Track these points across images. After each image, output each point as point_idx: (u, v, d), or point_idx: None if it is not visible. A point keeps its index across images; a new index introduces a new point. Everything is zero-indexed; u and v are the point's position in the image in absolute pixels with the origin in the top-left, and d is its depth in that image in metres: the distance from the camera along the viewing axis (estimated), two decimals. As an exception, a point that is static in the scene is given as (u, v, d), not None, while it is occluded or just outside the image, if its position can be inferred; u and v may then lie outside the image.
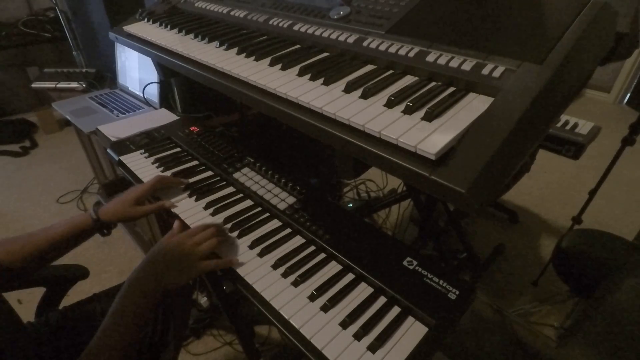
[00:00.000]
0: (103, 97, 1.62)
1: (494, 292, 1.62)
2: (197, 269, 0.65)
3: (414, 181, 0.47)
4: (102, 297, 0.92)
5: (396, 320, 0.57)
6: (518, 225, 1.98)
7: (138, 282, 0.62)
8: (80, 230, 0.77)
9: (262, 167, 0.91)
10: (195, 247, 0.67)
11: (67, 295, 0.95)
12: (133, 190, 0.82)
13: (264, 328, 1.46)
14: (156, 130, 1.13)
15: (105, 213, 0.78)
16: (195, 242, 0.67)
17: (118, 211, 0.79)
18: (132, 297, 0.60)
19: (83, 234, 0.78)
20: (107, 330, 0.58)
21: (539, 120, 0.48)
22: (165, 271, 0.63)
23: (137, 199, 0.80)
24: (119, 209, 0.79)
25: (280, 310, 0.59)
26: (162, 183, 0.85)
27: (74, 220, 0.77)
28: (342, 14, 0.76)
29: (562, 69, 0.48)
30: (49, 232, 0.74)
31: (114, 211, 0.79)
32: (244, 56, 0.76)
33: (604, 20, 0.53)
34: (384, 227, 1.93)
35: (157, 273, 0.63)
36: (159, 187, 0.84)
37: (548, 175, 2.33)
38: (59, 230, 0.74)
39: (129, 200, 0.80)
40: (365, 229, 0.73)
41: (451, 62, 0.57)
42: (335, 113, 0.54)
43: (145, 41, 0.99)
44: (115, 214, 0.79)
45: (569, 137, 1.36)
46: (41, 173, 2.53)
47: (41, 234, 0.73)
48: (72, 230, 0.76)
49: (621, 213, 2.05)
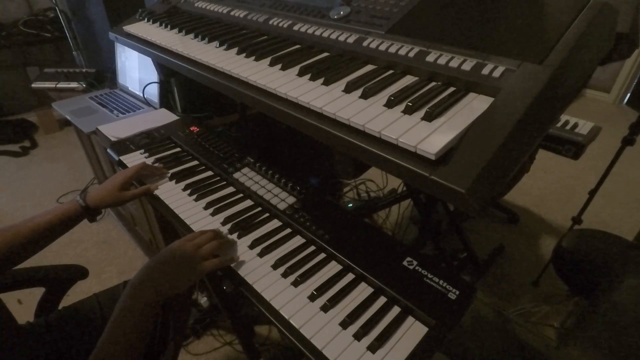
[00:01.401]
0: (103, 97, 1.62)
1: (494, 292, 1.62)
2: (199, 270, 0.64)
3: (414, 181, 0.47)
4: (101, 297, 0.92)
5: (396, 320, 0.57)
6: (518, 225, 1.98)
7: (138, 291, 0.59)
8: (67, 218, 0.78)
9: (262, 167, 0.91)
10: (196, 249, 0.66)
11: (67, 295, 0.95)
12: (118, 175, 0.84)
13: (264, 328, 1.46)
14: (156, 130, 1.13)
15: (92, 199, 0.80)
16: (196, 244, 0.66)
17: (105, 196, 0.81)
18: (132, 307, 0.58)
19: (70, 221, 0.79)
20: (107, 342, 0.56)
21: (539, 120, 0.48)
22: (164, 278, 0.61)
23: (122, 184, 0.82)
24: (106, 194, 0.81)
25: (280, 310, 0.59)
26: (146, 169, 0.88)
27: (61, 208, 0.78)
28: (342, 14, 0.76)
29: (562, 69, 0.48)
30: (36, 220, 0.74)
31: (101, 197, 0.81)
32: (244, 56, 0.76)
33: (604, 20, 0.53)
34: (384, 227, 1.93)
35: (156, 281, 0.61)
36: (142, 172, 0.88)
37: (548, 175, 2.33)
38: (46, 218, 0.75)
39: (115, 185, 0.82)
40: (365, 229, 0.73)
41: (451, 62, 0.57)
42: (335, 113, 0.54)
43: (145, 41, 0.99)
44: (102, 199, 0.80)
45: (569, 137, 1.36)
46: (41, 173, 2.53)
47: (28, 223, 0.73)
48: (60, 217, 0.76)
49: (621, 213, 2.05)
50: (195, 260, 0.64)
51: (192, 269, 0.63)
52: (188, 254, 0.64)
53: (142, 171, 0.88)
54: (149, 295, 0.59)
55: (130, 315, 0.58)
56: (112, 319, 0.58)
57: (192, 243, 0.66)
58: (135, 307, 0.58)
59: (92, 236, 1.94)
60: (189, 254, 0.64)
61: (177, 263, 0.63)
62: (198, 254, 0.65)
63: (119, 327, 0.57)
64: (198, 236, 0.69)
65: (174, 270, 0.62)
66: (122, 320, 0.58)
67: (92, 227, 1.98)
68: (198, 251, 0.65)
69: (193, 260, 0.64)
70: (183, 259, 0.64)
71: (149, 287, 0.60)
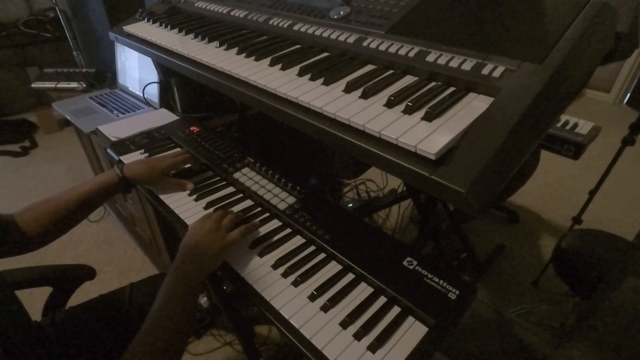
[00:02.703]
0: (103, 97, 1.62)
1: (494, 292, 1.62)
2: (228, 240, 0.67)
3: (414, 181, 0.47)
4: (108, 298, 0.92)
5: (396, 320, 0.57)
6: (518, 225, 1.98)
7: (182, 275, 0.62)
8: (105, 188, 0.80)
9: (262, 167, 0.91)
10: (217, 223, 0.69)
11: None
12: (163, 159, 0.87)
13: (264, 328, 1.46)
14: (156, 130, 1.13)
15: (130, 171, 0.82)
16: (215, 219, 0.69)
17: (144, 174, 0.83)
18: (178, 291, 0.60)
19: (108, 190, 0.81)
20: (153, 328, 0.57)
21: (539, 120, 0.48)
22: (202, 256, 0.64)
23: (165, 169, 0.85)
24: (146, 173, 0.83)
25: (280, 310, 0.59)
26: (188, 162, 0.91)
27: (99, 179, 0.81)
28: (342, 14, 0.76)
29: (562, 69, 0.48)
30: (75, 191, 0.78)
31: (140, 173, 0.82)
32: (244, 56, 0.76)
33: (603, 20, 0.53)
34: (384, 227, 1.93)
35: (196, 260, 0.63)
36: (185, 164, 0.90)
37: (548, 175, 2.33)
38: (85, 189, 0.78)
39: (158, 168, 0.84)
40: (365, 229, 0.73)
41: (451, 62, 0.57)
42: (335, 113, 0.54)
43: (145, 41, 0.99)
44: (141, 175, 0.82)
45: (569, 137, 1.36)
46: (41, 173, 2.53)
47: (67, 194, 0.77)
48: (98, 188, 0.79)
49: (621, 213, 2.05)
50: (221, 231, 0.68)
51: (222, 240, 0.66)
52: (212, 228, 0.67)
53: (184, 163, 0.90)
54: (194, 274, 0.62)
55: (179, 299, 0.60)
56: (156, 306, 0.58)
57: (212, 219, 0.69)
58: (182, 290, 0.60)
59: (92, 236, 1.94)
60: (214, 228, 0.67)
61: (208, 239, 0.66)
62: (222, 226, 0.69)
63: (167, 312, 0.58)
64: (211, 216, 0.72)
65: (207, 247, 0.65)
66: (171, 305, 0.59)
67: (92, 227, 1.98)
68: (220, 223, 0.69)
69: (220, 232, 0.67)
70: (209, 233, 0.66)
71: (192, 267, 0.62)
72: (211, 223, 0.68)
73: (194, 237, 0.66)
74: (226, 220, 0.70)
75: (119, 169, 0.82)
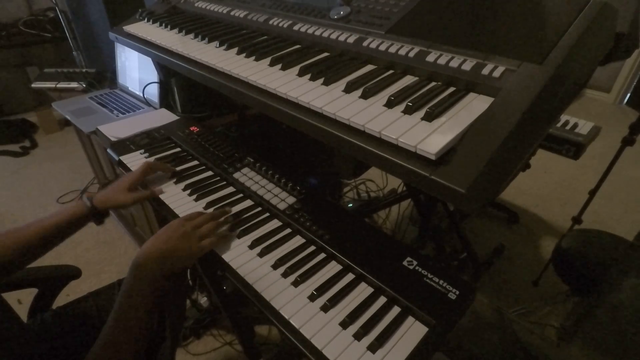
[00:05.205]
0: (103, 97, 1.62)
1: (494, 292, 1.62)
2: (198, 247, 0.66)
3: (414, 181, 0.47)
4: (95, 296, 0.92)
5: (396, 320, 0.57)
6: (518, 225, 1.98)
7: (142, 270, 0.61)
8: (74, 219, 0.77)
9: (262, 167, 0.91)
10: (194, 228, 0.68)
11: (67, 295, 0.95)
12: (125, 177, 0.84)
13: (264, 328, 1.46)
14: (156, 130, 1.12)
15: (99, 200, 0.80)
16: (194, 224, 0.69)
17: (111, 198, 0.80)
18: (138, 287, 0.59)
19: (77, 222, 0.78)
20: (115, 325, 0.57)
21: (539, 120, 0.48)
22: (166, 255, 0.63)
23: (129, 186, 0.82)
24: (112, 196, 0.81)
25: (280, 310, 0.59)
26: (152, 169, 0.88)
27: (68, 210, 0.78)
28: (342, 14, 0.76)
29: (562, 69, 0.48)
30: (43, 223, 0.74)
31: (107, 199, 0.80)
32: (244, 56, 0.76)
33: (603, 20, 0.53)
34: (384, 227, 1.93)
35: (158, 258, 0.62)
36: (149, 173, 0.87)
37: (548, 175, 2.33)
38: (52, 220, 0.75)
39: (121, 187, 0.82)
40: (365, 229, 0.73)
41: (451, 62, 0.57)
42: (335, 113, 0.54)
43: (145, 41, 0.99)
44: (108, 201, 0.80)
45: (569, 137, 1.36)
46: (41, 173, 2.53)
47: (34, 225, 0.73)
48: (67, 219, 0.76)
49: (621, 213, 2.05)
50: (195, 238, 0.67)
51: (192, 245, 0.66)
52: (187, 232, 0.66)
53: (148, 171, 0.86)
54: (153, 272, 0.61)
55: (137, 295, 0.59)
56: (117, 302, 0.58)
57: (191, 223, 0.69)
58: (141, 287, 0.60)
59: (92, 236, 1.93)
60: (188, 232, 0.66)
61: (177, 240, 0.65)
62: (197, 232, 0.67)
63: (126, 308, 0.58)
64: (196, 217, 0.71)
65: (174, 248, 0.64)
66: (129, 301, 0.59)
67: (92, 227, 1.96)
68: (197, 230, 0.68)
69: (192, 237, 0.66)
70: (183, 237, 0.66)
71: (152, 264, 0.61)
72: (188, 227, 0.67)
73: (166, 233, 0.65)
74: (204, 228, 0.69)
75: (88, 199, 0.80)
